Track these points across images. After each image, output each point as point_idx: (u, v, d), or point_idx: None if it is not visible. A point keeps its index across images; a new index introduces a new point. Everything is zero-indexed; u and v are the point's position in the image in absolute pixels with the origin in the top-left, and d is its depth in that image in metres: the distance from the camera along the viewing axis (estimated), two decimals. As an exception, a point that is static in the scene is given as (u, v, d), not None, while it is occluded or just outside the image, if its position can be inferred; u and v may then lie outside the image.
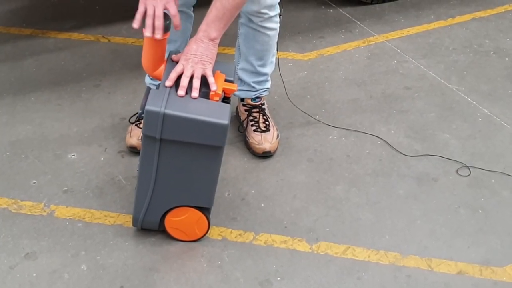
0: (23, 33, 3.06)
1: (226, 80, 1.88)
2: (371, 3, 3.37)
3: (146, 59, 1.93)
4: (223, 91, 1.83)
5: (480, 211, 2.16)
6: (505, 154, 2.40)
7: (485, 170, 2.32)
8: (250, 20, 2.18)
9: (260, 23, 2.17)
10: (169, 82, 1.80)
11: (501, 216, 2.14)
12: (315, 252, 2.00)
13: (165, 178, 1.85)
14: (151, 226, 1.98)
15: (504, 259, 1.99)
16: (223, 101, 1.85)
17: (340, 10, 3.33)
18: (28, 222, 2.04)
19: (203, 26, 1.83)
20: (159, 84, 1.88)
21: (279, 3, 2.20)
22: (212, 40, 1.83)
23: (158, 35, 1.83)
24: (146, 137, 1.78)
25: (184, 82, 1.80)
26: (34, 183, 2.20)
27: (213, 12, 1.82)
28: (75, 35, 3.05)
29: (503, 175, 2.30)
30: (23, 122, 2.47)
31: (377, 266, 1.96)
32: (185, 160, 1.83)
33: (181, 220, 1.95)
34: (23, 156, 2.31)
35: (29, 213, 2.08)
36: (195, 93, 1.79)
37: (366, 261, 1.97)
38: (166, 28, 1.85)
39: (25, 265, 1.91)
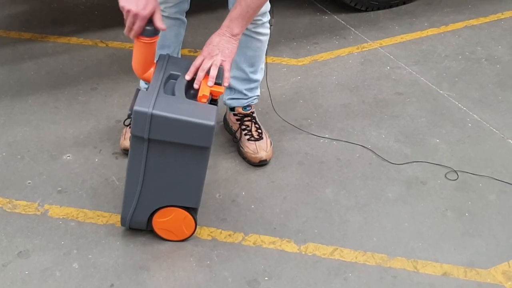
0: (22, 37, 3.11)
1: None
2: (366, 10, 3.42)
3: (136, 61, 1.97)
4: (210, 93, 1.88)
5: (467, 214, 2.19)
6: (493, 159, 2.43)
7: (473, 174, 2.35)
8: None
9: (253, 29, 2.21)
10: (188, 76, 1.90)
11: (487, 220, 2.17)
12: (303, 253, 2.03)
13: (152, 178, 1.89)
14: (139, 226, 2.02)
15: (488, 261, 2.02)
16: (210, 103, 1.89)
17: (335, 16, 3.37)
18: (22, 221, 2.09)
19: (226, 22, 1.92)
20: (149, 86, 1.92)
21: (270, 12, 2.24)
22: (234, 35, 1.91)
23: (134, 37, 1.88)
24: (134, 137, 1.82)
25: (200, 76, 1.88)
26: (29, 183, 2.24)
27: (237, 9, 1.90)
28: (74, 40, 3.10)
29: (491, 179, 2.33)
30: (20, 124, 2.52)
31: (364, 267, 1.99)
32: (173, 160, 1.87)
33: (168, 220, 1.98)
34: (19, 156, 2.36)
35: (23, 212, 2.12)
36: (211, 82, 1.87)
37: (353, 262, 2.01)
38: (155, 32, 1.89)
39: (18, 263, 1.95)
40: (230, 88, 2.39)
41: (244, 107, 2.41)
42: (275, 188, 2.27)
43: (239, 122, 2.42)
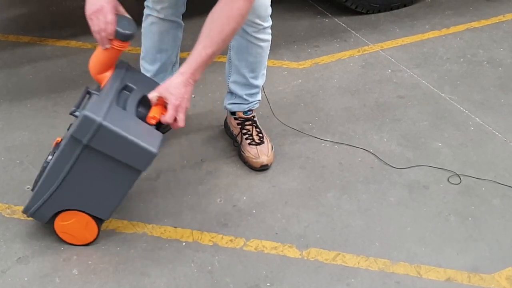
0: (21, 41, 3.09)
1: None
2: (367, 13, 3.40)
3: (96, 62, 1.95)
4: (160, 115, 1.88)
5: (470, 218, 2.17)
6: (496, 163, 2.41)
7: (476, 178, 2.33)
8: (244, 31, 2.18)
9: (253, 34, 2.18)
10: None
11: (490, 224, 2.15)
12: (305, 258, 2.01)
13: (73, 180, 1.86)
14: (40, 219, 1.97)
15: (492, 266, 2.00)
16: (157, 127, 1.89)
17: (336, 19, 3.36)
18: (21, 227, 2.06)
19: (189, 69, 1.86)
20: (98, 86, 1.93)
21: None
22: (195, 81, 1.89)
23: (107, 44, 1.89)
24: (72, 138, 1.79)
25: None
26: (28, 188, 2.22)
27: (203, 57, 1.85)
28: (73, 43, 3.09)
29: (494, 183, 2.31)
30: (19, 128, 2.50)
31: (367, 272, 1.97)
32: (101, 172, 1.85)
33: (71, 223, 1.95)
34: (18, 161, 2.34)
35: (22, 218, 2.09)
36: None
37: (355, 267, 1.99)
38: (130, 36, 1.88)
39: (17, 269, 1.93)
40: (231, 93, 2.37)
41: (245, 112, 2.40)
42: (276, 193, 2.25)
43: (240, 126, 2.40)
